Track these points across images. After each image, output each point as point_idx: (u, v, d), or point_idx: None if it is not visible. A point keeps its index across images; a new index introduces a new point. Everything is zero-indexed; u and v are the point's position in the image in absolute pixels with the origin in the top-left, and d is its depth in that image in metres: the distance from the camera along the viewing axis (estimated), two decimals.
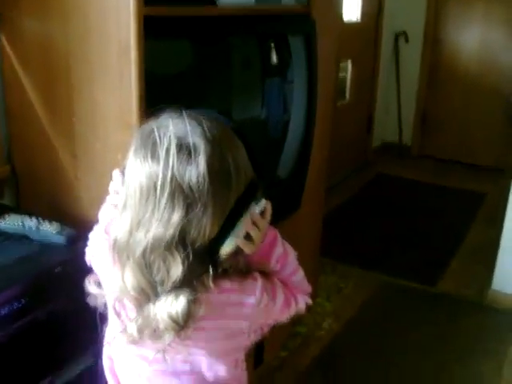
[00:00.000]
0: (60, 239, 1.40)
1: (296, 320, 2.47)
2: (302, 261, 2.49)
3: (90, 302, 0.98)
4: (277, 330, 2.12)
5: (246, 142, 0.95)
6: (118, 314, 0.96)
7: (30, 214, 1.48)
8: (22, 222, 1.43)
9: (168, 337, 0.89)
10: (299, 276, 1.09)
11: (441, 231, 3.55)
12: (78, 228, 1.43)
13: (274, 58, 2.19)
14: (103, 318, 1.01)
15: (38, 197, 1.73)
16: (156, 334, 0.89)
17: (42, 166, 1.70)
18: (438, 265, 3.15)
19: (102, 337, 1.04)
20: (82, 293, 0.98)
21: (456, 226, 3.62)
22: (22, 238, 1.42)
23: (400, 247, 3.35)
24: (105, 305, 0.98)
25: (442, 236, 3.49)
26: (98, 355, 1.16)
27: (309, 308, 2.58)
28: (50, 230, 1.41)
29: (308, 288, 1.11)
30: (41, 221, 1.44)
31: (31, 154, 1.73)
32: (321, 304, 2.73)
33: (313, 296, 2.68)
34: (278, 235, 1.03)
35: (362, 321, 2.64)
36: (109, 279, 0.93)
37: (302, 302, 1.10)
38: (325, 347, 2.43)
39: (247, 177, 0.90)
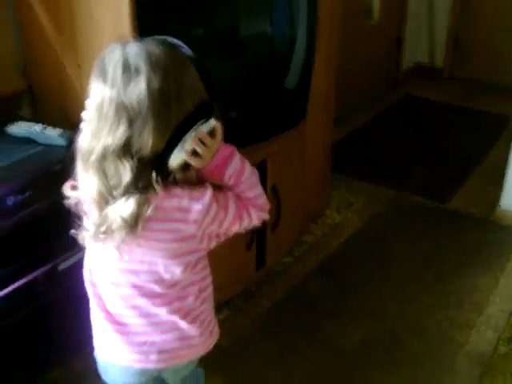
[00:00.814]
0: (62, 141, 1.58)
1: (303, 229, 2.66)
2: (310, 172, 2.64)
3: (67, 204, 1.12)
4: (282, 236, 2.34)
5: (201, 67, 1.07)
6: (87, 216, 1.10)
7: (39, 122, 1.66)
8: (29, 128, 1.62)
9: (119, 235, 1.03)
10: (255, 192, 1.18)
11: (461, 152, 3.58)
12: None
13: None
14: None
15: (51, 108, 1.91)
16: (110, 232, 1.04)
17: (53, 78, 1.87)
18: (452, 183, 3.21)
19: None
20: None
21: (477, 146, 3.64)
22: (29, 141, 1.61)
23: (418, 166, 3.41)
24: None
25: (462, 156, 3.52)
26: None
27: (316, 218, 2.76)
28: (53, 134, 1.59)
29: (264, 205, 1.21)
30: (46, 126, 1.62)
31: (43, 68, 1.90)
32: (330, 216, 2.87)
33: (322, 208, 2.85)
34: (236, 153, 1.14)
35: (368, 232, 2.78)
36: (81, 185, 1.07)
37: (256, 217, 1.19)
38: (329, 255, 2.58)
39: (195, 98, 1.03)
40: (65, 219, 1.49)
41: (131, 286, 1.14)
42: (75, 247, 1.50)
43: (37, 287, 1.49)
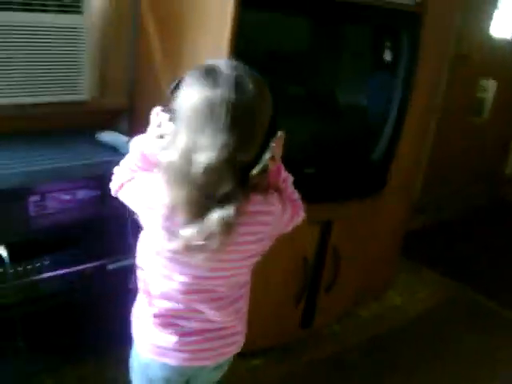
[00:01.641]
0: None
1: (361, 303, 2.64)
2: (378, 247, 2.61)
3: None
4: (335, 300, 2.33)
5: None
6: (168, 228, 1.09)
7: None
8: (116, 138, 1.78)
9: (218, 241, 1.06)
10: (296, 194, 1.31)
11: None
12: None
13: (384, 53, 2.32)
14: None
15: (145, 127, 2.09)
16: (210, 238, 1.06)
17: (152, 100, 2.05)
18: None
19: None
20: None
21: None
22: (113, 149, 1.77)
23: (499, 269, 3.30)
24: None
25: None
26: None
27: (377, 296, 2.71)
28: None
29: (302, 205, 1.32)
30: (131, 139, 1.78)
31: (147, 90, 2.09)
32: (391, 297, 2.83)
33: (385, 287, 2.81)
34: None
35: (424, 323, 2.69)
36: (156, 200, 1.10)
37: (301, 215, 1.32)
38: (379, 334, 2.54)
39: (271, 114, 1.12)
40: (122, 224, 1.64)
41: (202, 292, 1.20)
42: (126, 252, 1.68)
43: (86, 279, 1.61)
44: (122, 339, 1.36)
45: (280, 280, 2.13)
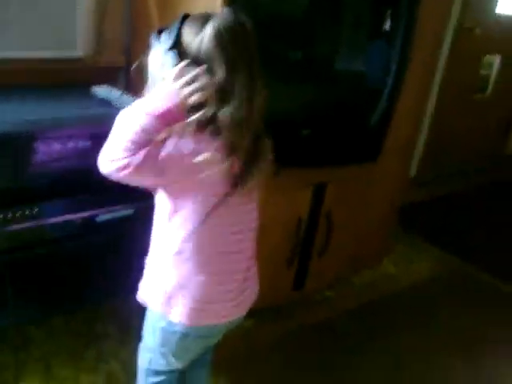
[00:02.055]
0: None
1: (355, 271, 2.65)
2: (373, 215, 2.64)
3: None
4: (328, 265, 2.35)
5: None
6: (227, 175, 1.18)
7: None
8: (110, 91, 1.79)
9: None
10: None
11: None
12: None
13: (384, 21, 2.30)
14: None
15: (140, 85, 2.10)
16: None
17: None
18: None
19: None
20: None
21: None
22: (107, 103, 1.77)
23: (498, 245, 3.30)
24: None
25: None
26: None
27: (372, 265, 2.71)
28: (128, 100, 1.74)
29: None
30: (124, 93, 1.78)
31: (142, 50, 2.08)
32: (385, 266, 2.84)
33: (380, 256, 2.82)
34: None
35: (415, 293, 2.70)
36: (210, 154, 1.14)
37: None
38: (370, 302, 2.55)
39: None
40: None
41: (247, 230, 1.32)
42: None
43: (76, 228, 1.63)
44: (113, 292, 1.38)
45: (274, 240, 2.13)
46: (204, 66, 1.13)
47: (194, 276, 1.26)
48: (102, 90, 1.82)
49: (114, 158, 1.12)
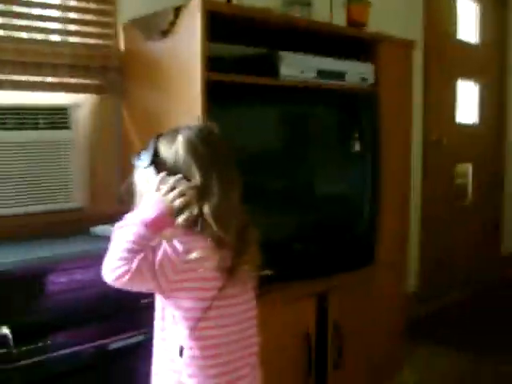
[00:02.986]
0: None
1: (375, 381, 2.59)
2: (382, 323, 2.61)
3: None
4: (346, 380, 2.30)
5: None
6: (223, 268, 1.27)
7: None
8: (108, 229, 1.89)
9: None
10: None
11: None
12: None
13: (353, 144, 2.50)
14: None
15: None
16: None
17: None
18: None
19: None
20: None
21: None
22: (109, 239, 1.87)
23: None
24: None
25: None
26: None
27: (391, 376, 2.64)
28: None
29: None
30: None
31: None
32: (406, 375, 2.78)
33: (397, 366, 2.75)
34: None
35: None
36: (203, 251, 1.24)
37: None
38: None
39: None
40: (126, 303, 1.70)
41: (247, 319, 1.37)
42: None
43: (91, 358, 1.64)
44: None
45: (285, 357, 2.11)
46: (181, 174, 1.27)
47: (203, 372, 1.28)
48: (99, 229, 1.93)
49: (113, 268, 1.22)
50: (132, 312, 1.71)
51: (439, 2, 3.77)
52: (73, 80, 2.13)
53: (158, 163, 1.30)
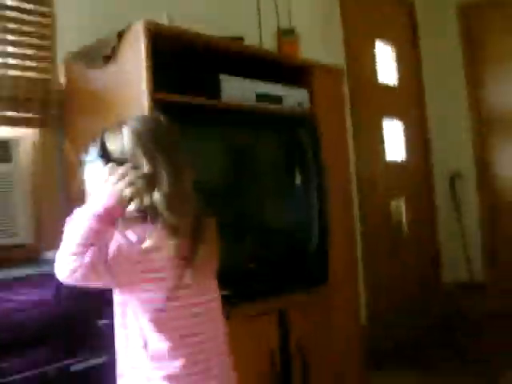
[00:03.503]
0: None
1: None
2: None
3: None
4: None
5: None
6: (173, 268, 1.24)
7: None
8: None
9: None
10: None
11: None
12: None
13: (296, 176, 2.54)
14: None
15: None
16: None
17: None
18: None
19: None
20: None
21: None
22: None
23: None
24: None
25: None
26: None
27: None
28: None
29: None
30: None
31: None
32: None
33: None
34: None
35: None
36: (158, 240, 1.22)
37: None
38: None
39: None
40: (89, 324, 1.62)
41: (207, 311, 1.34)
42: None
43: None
44: None
45: (250, 377, 2.05)
46: (129, 164, 1.26)
47: (162, 366, 1.24)
48: (51, 253, 1.86)
49: (65, 264, 1.20)
50: (93, 333, 1.64)
51: (359, 46, 4.01)
52: (13, 114, 2.11)
53: (105, 155, 1.30)
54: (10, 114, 2.10)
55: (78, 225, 1.20)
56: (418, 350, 3.56)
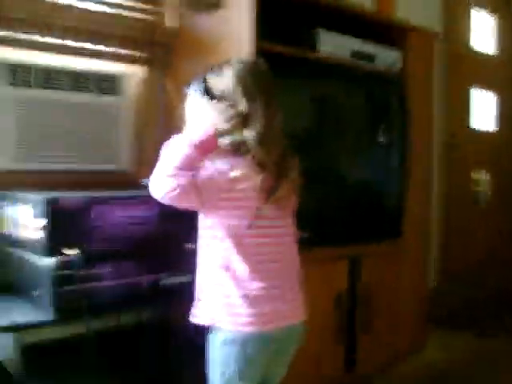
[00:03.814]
0: None
1: (399, 357, 2.66)
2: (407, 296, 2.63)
3: None
4: (375, 344, 2.38)
5: None
6: (263, 189, 1.36)
7: None
8: None
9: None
10: None
11: None
12: None
13: (380, 135, 2.62)
14: None
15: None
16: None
17: None
18: None
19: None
20: None
21: None
22: None
23: None
24: None
25: None
26: None
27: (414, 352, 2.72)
28: None
29: None
30: None
31: None
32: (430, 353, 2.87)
33: (420, 344, 2.83)
34: None
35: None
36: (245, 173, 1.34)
37: None
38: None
39: None
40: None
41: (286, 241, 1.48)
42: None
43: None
44: None
45: (318, 318, 2.20)
46: (228, 102, 1.39)
47: (242, 286, 1.37)
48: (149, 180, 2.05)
49: (161, 184, 1.34)
50: (181, 254, 1.82)
51: (456, 12, 3.94)
52: (123, 51, 2.29)
53: (207, 91, 1.42)
54: (120, 51, 2.29)
55: (175, 151, 1.34)
56: (480, 314, 3.60)
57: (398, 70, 2.56)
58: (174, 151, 1.34)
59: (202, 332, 1.45)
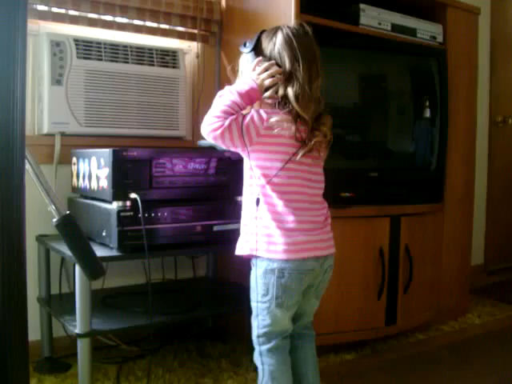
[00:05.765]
0: None
1: (439, 318, 2.79)
2: (449, 258, 2.96)
3: None
4: (413, 303, 2.54)
5: None
6: (291, 145, 1.56)
7: None
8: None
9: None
10: None
11: None
12: None
13: (424, 109, 2.72)
14: None
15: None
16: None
17: None
18: None
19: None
20: None
21: None
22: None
23: None
24: None
25: None
26: None
27: (455, 317, 2.82)
28: None
29: None
30: None
31: None
32: (470, 317, 2.98)
33: (461, 309, 2.93)
34: None
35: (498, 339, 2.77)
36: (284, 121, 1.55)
37: None
38: (461, 344, 2.65)
39: None
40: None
41: (317, 186, 1.66)
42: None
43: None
44: None
45: (361, 272, 2.38)
46: (274, 61, 1.60)
47: (278, 219, 1.57)
48: (204, 142, 2.28)
49: (210, 123, 1.56)
50: (233, 205, 2.05)
51: None
52: (183, 29, 2.54)
53: (258, 50, 1.64)
54: (179, 29, 2.54)
55: (225, 97, 1.57)
56: None
57: (438, 43, 2.69)
58: (223, 98, 1.57)
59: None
